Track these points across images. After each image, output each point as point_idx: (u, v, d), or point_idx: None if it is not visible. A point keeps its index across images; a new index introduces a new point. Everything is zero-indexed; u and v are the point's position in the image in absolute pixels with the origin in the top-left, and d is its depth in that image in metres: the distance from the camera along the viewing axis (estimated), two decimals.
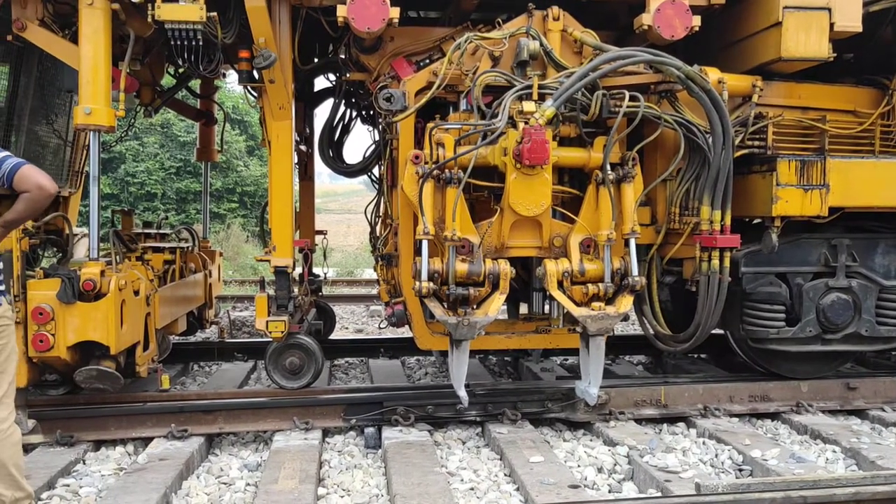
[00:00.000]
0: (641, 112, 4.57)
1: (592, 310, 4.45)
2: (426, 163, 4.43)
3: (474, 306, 4.45)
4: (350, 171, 6.75)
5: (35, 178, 3.21)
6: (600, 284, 4.51)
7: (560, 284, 4.50)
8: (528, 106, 4.44)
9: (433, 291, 4.36)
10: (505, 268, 4.43)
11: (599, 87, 4.61)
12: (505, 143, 4.40)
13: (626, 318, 4.79)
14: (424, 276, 4.34)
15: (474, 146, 4.38)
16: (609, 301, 4.54)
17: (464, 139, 4.51)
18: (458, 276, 4.40)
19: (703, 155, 4.82)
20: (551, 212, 4.64)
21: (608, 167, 4.53)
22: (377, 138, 6.36)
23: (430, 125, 4.58)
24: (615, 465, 4.38)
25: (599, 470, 4.32)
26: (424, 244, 4.37)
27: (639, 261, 4.74)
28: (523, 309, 5.66)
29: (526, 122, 4.33)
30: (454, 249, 4.39)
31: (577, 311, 4.45)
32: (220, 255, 7.79)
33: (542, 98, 4.52)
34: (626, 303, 4.51)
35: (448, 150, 4.44)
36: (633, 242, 4.57)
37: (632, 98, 4.57)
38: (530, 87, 4.52)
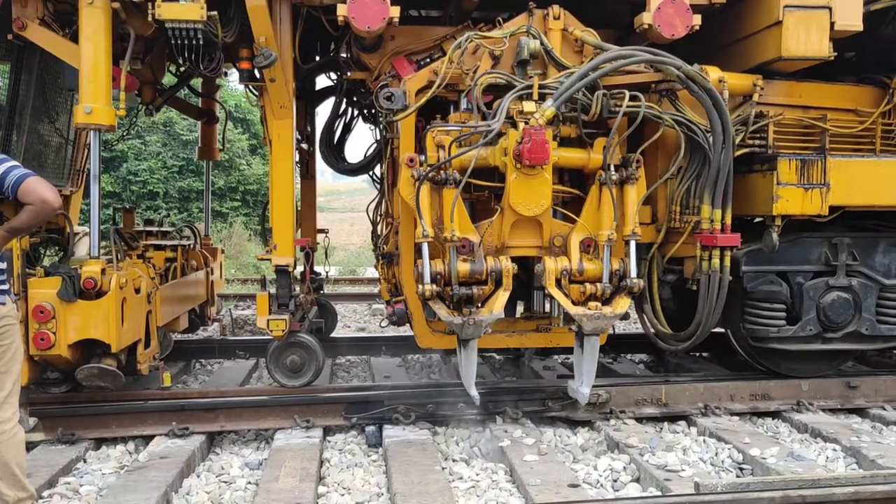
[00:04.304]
0: (642, 112, 4.57)
1: (589, 309, 4.44)
2: (421, 165, 4.42)
3: (478, 305, 4.45)
4: (351, 170, 6.76)
5: (39, 192, 3.20)
6: (598, 284, 4.50)
7: (558, 282, 4.50)
8: (529, 106, 4.43)
9: (437, 293, 4.36)
10: (507, 264, 4.43)
11: (600, 86, 4.60)
12: (505, 144, 4.40)
13: (626, 317, 4.76)
14: (427, 278, 4.33)
15: (471, 147, 4.37)
16: (606, 301, 4.53)
17: (464, 140, 4.50)
18: (461, 276, 4.39)
19: (704, 154, 4.82)
20: (552, 212, 4.64)
21: (612, 168, 4.53)
22: (378, 137, 6.36)
23: (429, 127, 4.58)
24: (615, 463, 4.38)
25: (598, 468, 4.32)
26: (425, 247, 4.36)
27: (640, 259, 4.76)
28: (521, 308, 5.64)
29: (526, 123, 4.32)
30: (455, 250, 4.39)
31: (574, 310, 4.43)
32: (222, 252, 7.80)
33: (542, 98, 4.52)
34: (623, 304, 4.50)
35: (448, 152, 4.44)
36: (633, 244, 4.56)
37: (632, 98, 4.57)
38: (530, 87, 4.52)
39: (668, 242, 5.20)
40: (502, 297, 4.40)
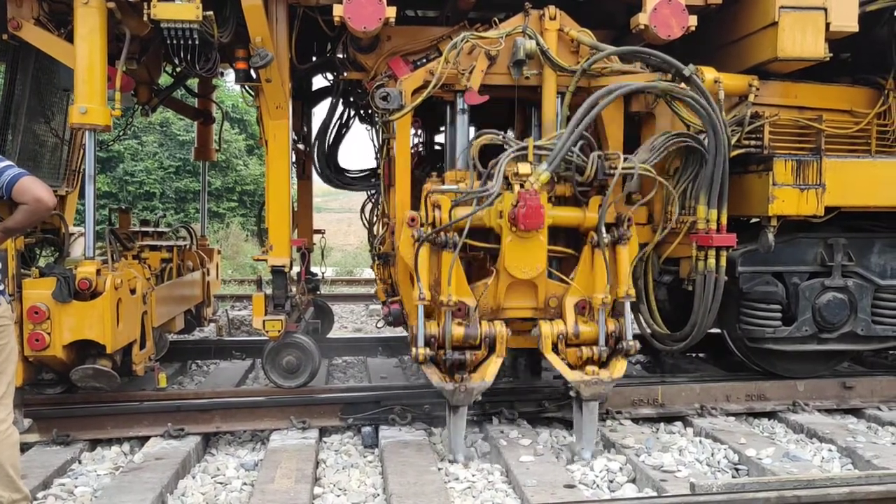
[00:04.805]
0: (637, 173, 4.52)
1: (586, 374, 4.42)
2: (422, 225, 4.40)
3: (470, 371, 4.43)
4: (351, 184, 6.72)
5: (34, 192, 3.20)
6: (594, 347, 4.48)
7: (555, 346, 4.49)
8: (524, 168, 4.39)
9: (430, 357, 4.35)
10: (501, 330, 4.41)
11: (595, 147, 4.59)
12: (500, 206, 4.37)
13: None
14: (421, 342, 4.32)
15: (469, 213, 4.30)
16: (603, 364, 4.51)
17: (461, 203, 4.44)
18: (455, 341, 4.37)
19: (700, 155, 4.82)
20: (547, 272, 4.60)
21: (603, 230, 4.50)
22: (375, 140, 6.36)
23: (426, 187, 4.58)
24: (611, 464, 4.38)
25: (594, 469, 4.32)
26: (420, 309, 4.34)
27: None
28: None
29: (521, 185, 4.29)
30: (451, 314, 4.37)
31: (571, 376, 4.42)
32: (219, 252, 7.78)
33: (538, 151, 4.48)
34: (620, 367, 4.46)
35: (444, 213, 4.40)
36: (627, 305, 4.54)
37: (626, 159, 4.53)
38: (525, 148, 4.47)
39: (664, 243, 5.19)
40: (495, 364, 4.38)
